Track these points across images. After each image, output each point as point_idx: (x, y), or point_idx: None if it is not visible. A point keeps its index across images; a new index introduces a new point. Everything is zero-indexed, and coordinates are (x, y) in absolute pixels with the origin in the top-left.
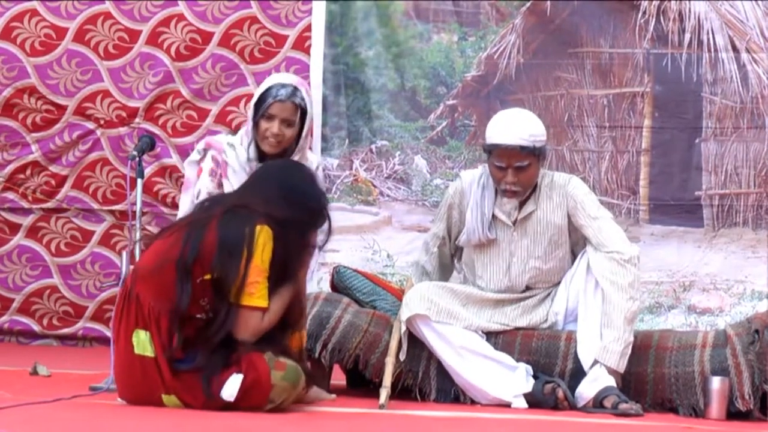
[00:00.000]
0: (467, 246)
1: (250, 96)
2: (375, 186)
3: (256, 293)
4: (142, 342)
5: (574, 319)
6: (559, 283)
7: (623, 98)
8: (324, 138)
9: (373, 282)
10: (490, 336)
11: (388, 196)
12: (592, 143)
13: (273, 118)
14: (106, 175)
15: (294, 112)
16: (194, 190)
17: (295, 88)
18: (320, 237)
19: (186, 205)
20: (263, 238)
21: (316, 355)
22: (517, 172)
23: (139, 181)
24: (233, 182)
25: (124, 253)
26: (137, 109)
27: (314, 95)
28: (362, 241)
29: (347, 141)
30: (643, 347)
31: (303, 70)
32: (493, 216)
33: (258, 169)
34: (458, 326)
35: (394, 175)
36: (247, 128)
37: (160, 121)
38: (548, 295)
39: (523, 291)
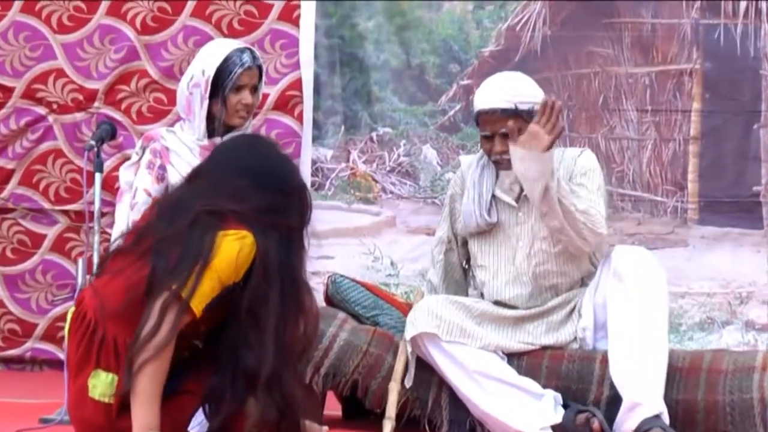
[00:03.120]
0: (465, 234)
1: None
2: (376, 181)
3: (196, 294)
4: (102, 384)
5: (606, 335)
6: (579, 283)
7: (668, 77)
8: (316, 124)
9: (375, 294)
10: (512, 358)
11: (391, 192)
12: (632, 130)
13: (243, 89)
14: (59, 169)
15: (259, 76)
16: (131, 193)
17: (251, 50)
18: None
19: (123, 217)
20: (228, 243)
21: (307, 380)
22: (504, 139)
23: (98, 176)
24: (177, 166)
25: (80, 261)
26: (96, 91)
27: (305, 74)
28: (361, 245)
29: (343, 128)
30: (692, 370)
31: (290, 45)
32: (495, 198)
33: (212, 157)
34: (473, 346)
35: (398, 168)
36: (194, 107)
37: (123, 106)
38: (575, 308)
39: (534, 289)
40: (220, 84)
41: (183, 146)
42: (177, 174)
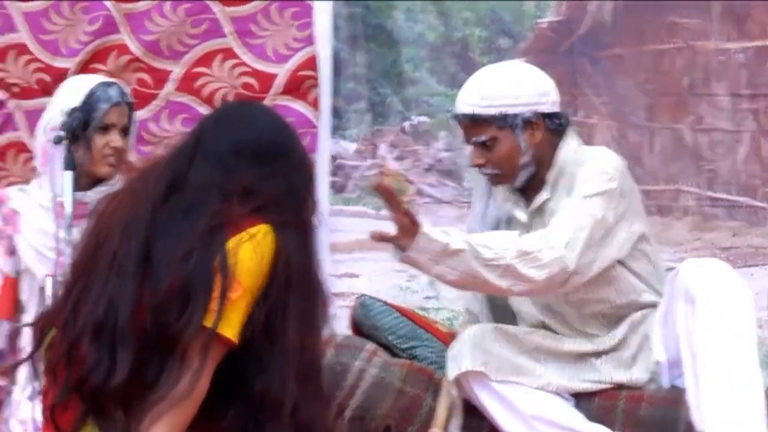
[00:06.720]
0: None
1: (226, 52)
2: (410, 181)
3: (225, 316)
4: None
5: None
6: (639, 305)
7: None
8: (336, 112)
9: (412, 321)
10: (579, 400)
11: (429, 196)
12: (725, 120)
13: (111, 128)
14: (21, 166)
15: (129, 115)
16: None
17: (119, 85)
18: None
19: None
20: (244, 250)
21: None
22: (481, 150)
23: (69, 175)
24: (27, 235)
25: (48, 281)
26: (66, 70)
27: (322, 51)
28: (393, 261)
29: (369, 117)
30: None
31: (303, 15)
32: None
33: (202, 147)
34: (530, 386)
35: (437, 166)
36: (50, 155)
37: None
38: (647, 337)
39: (578, 317)
40: (83, 123)
41: (35, 208)
42: (27, 246)
